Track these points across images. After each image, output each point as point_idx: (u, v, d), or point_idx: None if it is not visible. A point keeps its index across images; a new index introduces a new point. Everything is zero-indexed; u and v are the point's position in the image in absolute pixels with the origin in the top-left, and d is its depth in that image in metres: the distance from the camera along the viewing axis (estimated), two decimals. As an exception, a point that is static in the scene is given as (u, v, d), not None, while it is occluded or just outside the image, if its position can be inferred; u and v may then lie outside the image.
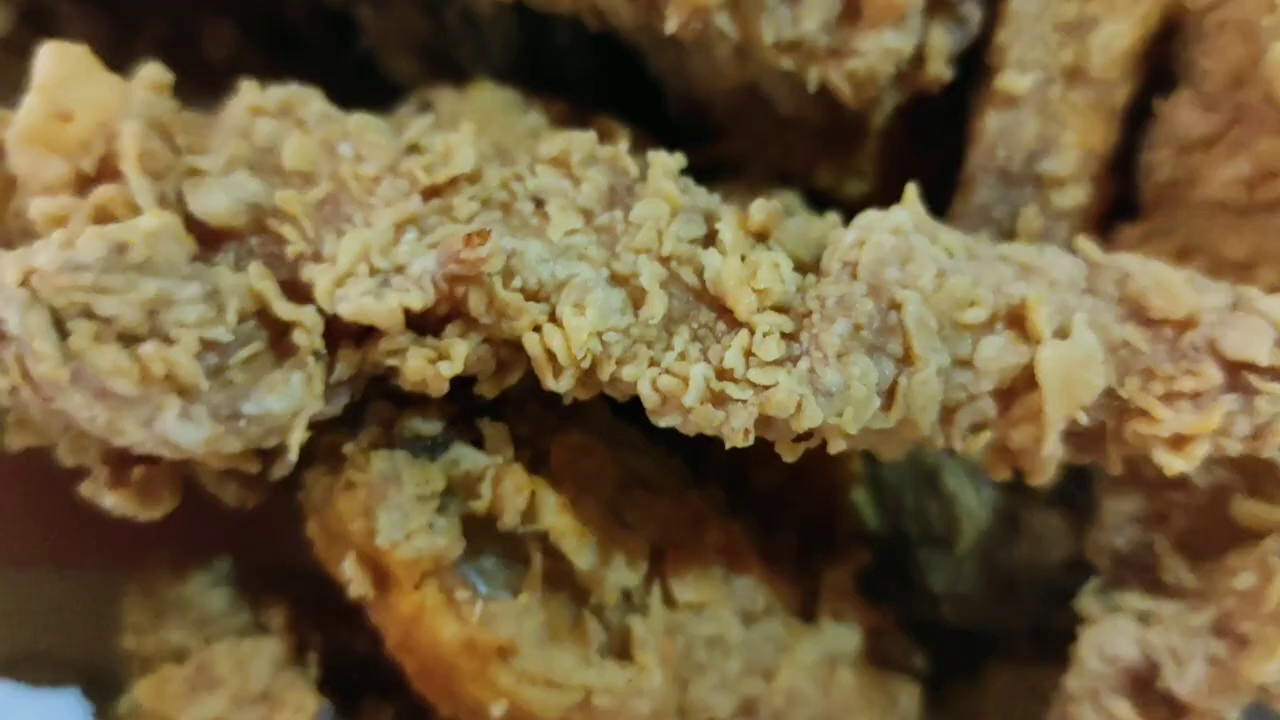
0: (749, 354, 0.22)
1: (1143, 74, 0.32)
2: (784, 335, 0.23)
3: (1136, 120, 0.32)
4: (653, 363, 0.22)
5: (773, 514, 0.32)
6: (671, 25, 0.28)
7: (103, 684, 0.31)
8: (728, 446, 0.23)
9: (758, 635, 0.28)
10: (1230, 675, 0.27)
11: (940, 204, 0.33)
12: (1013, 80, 0.30)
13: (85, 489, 0.23)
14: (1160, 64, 0.32)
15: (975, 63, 0.32)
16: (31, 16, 0.32)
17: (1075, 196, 0.31)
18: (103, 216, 0.23)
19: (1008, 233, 0.31)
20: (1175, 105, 0.31)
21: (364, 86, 0.28)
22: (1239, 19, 0.30)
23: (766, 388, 0.22)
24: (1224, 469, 0.28)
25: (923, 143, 0.35)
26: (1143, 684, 0.28)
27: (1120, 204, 0.33)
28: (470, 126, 0.25)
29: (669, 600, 0.26)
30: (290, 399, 0.22)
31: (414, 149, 0.25)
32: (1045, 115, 0.31)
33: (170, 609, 0.27)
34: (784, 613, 0.29)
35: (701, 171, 0.28)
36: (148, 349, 0.21)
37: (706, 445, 0.36)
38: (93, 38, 0.27)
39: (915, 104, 0.33)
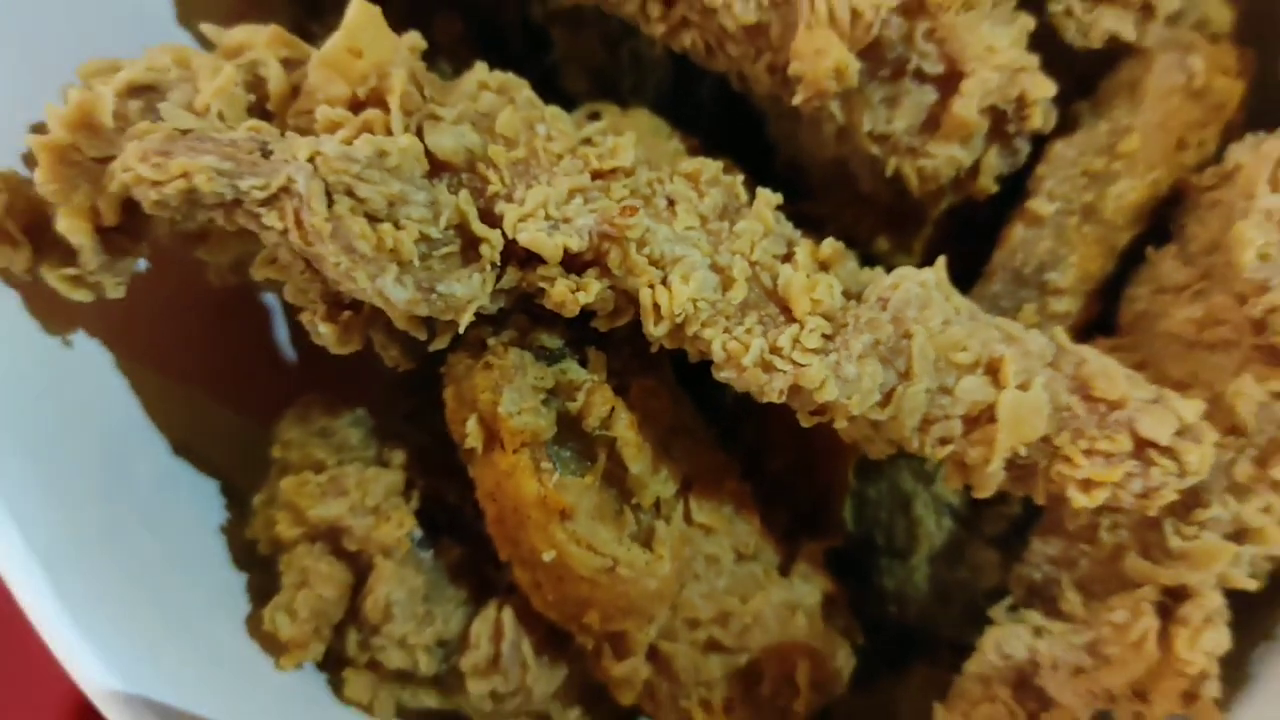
0: (795, 341, 0.27)
1: (1145, 224, 0.37)
2: (824, 335, 0.28)
3: (1131, 259, 0.37)
4: (726, 330, 0.28)
5: (774, 494, 0.37)
6: (797, 99, 0.32)
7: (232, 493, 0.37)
8: (763, 400, 0.29)
9: (743, 569, 0.34)
10: (1090, 683, 0.33)
11: (963, 286, 0.39)
12: (1041, 205, 0.36)
13: (304, 318, 0.29)
14: (1161, 220, 0.37)
15: (1018, 184, 0.37)
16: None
17: (1067, 305, 0.36)
18: (365, 131, 0.30)
19: (1008, 320, 0.37)
20: (1162, 256, 0.36)
21: (544, 91, 0.34)
22: (1227, 199, 0.35)
23: (802, 366, 0.27)
24: (1126, 531, 0.34)
25: (962, 238, 0.38)
26: (1023, 679, 0.32)
27: (1101, 321, 0.37)
28: (632, 136, 0.32)
29: (688, 518, 0.32)
30: (469, 290, 0.28)
31: (588, 142, 0.31)
32: (1059, 238, 0.36)
33: (318, 433, 0.33)
34: (766, 562, 0.35)
35: (791, 219, 0.32)
36: (384, 227, 0.27)
37: (737, 428, 0.41)
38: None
39: (964, 206, 0.37)
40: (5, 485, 0.25)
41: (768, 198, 0.30)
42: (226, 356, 0.37)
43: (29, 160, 0.29)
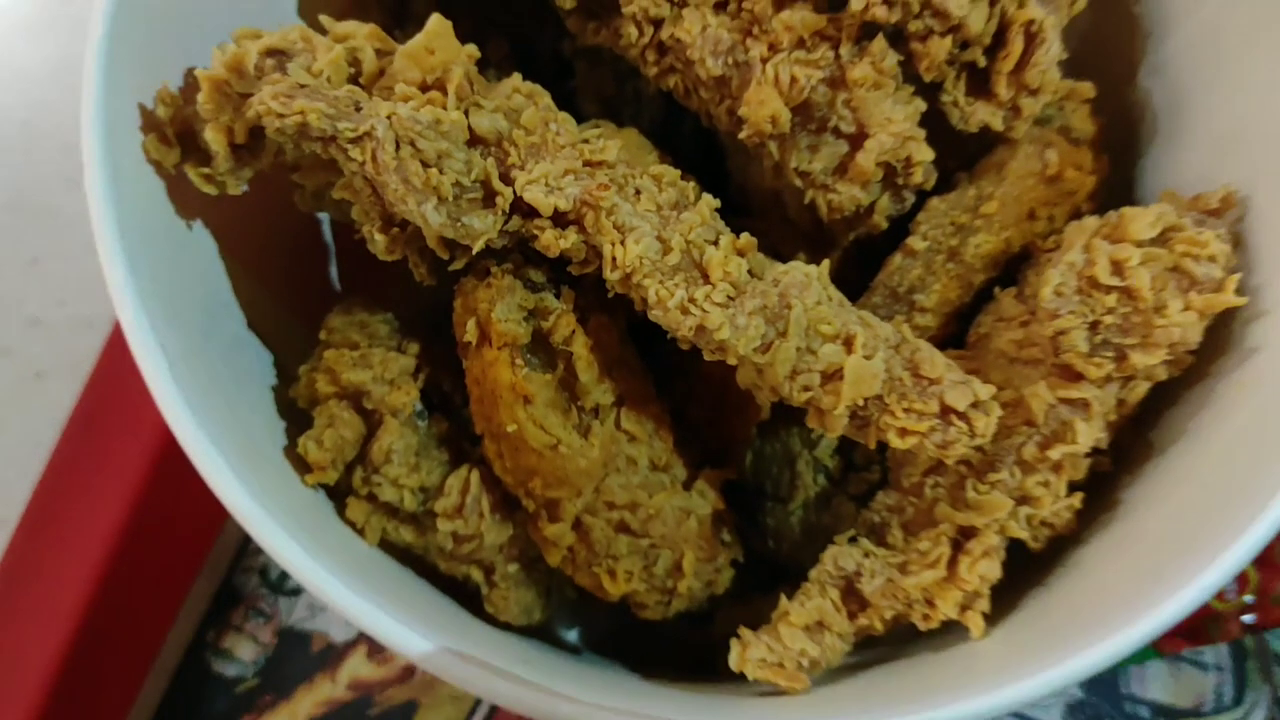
0: (707, 296, 0.35)
1: (997, 271, 0.43)
2: (728, 296, 0.35)
3: (984, 296, 0.43)
4: (660, 283, 0.35)
5: (691, 436, 0.44)
6: (743, 135, 0.40)
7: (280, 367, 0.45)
8: (679, 335, 0.35)
9: (654, 476, 0.41)
10: (896, 590, 0.39)
11: (856, 296, 0.44)
12: (917, 242, 0.42)
13: (365, 230, 0.36)
14: (1010, 270, 0.43)
15: (904, 225, 0.43)
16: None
17: (928, 321, 0.43)
18: (429, 104, 0.40)
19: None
20: (1005, 295, 0.42)
21: (562, 107, 0.40)
22: (1055, 260, 0.42)
23: (707, 313, 0.34)
24: (942, 489, 0.40)
25: (862, 263, 0.45)
26: (850, 585, 0.40)
27: (956, 340, 0.43)
28: (618, 144, 0.40)
29: (617, 423, 0.39)
30: (484, 225, 0.35)
31: (586, 141, 0.39)
32: (927, 269, 0.42)
33: (356, 324, 0.41)
34: (674, 475, 0.42)
35: (735, 230, 0.39)
36: (432, 171, 0.34)
37: (670, 382, 0.46)
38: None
39: (865, 238, 0.44)
40: (154, 321, 0.33)
41: (709, 201, 0.38)
42: (289, 270, 0.46)
43: (185, 92, 0.39)
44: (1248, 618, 0.59)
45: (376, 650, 0.58)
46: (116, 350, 0.58)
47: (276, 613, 0.59)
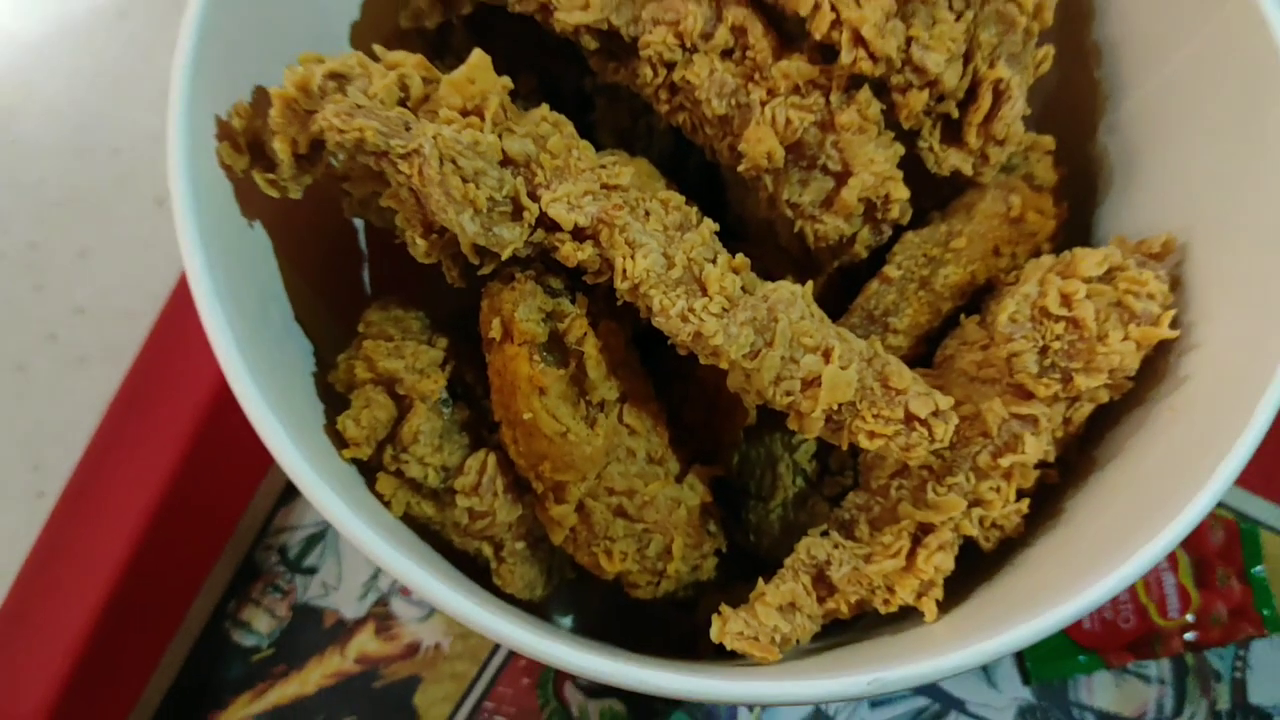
0: (705, 307, 0.37)
1: (964, 300, 0.47)
2: (723, 308, 0.38)
3: (951, 322, 0.47)
4: (664, 293, 0.38)
5: (685, 436, 0.47)
6: (741, 168, 0.43)
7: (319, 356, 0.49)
8: (678, 341, 0.38)
9: (650, 467, 0.44)
10: (860, 577, 0.43)
11: (838, 316, 0.48)
12: (892, 270, 0.45)
13: (406, 236, 0.40)
14: (976, 299, 0.47)
15: (882, 256, 0.46)
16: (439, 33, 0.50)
17: (900, 342, 0.46)
18: (469, 128, 0.44)
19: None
20: (970, 322, 0.45)
21: (582, 137, 0.43)
22: (1013, 291, 0.45)
23: (704, 321, 0.37)
24: (906, 490, 0.43)
25: (845, 288, 0.48)
26: (820, 573, 0.43)
27: (925, 360, 0.47)
28: (631, 171, 0.41)
29: (620, 418, 0.42)
30: (512, 235, 0.38)
31: (603, 166, 0.43)
32: (901, 295, 0.46)
33: (392, 318, 0.44)
34: (667, 468, 0.44)
35: (732, 253, 0.42)
36: (469, 186, 0.38)
37: (669, 387, 0.49)
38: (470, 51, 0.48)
39: (848, 266, 0.47)
40: (224, 304, 0.36)
41: (709, 224, 0.41)
42: (327, 270, 0.49)
43: (254, 107, 0.43)
44: (1189, 635, 0.64)
45: (383, 628, 0.63)
46: (157, 340, 0.62)
47: (293, 589, 0.63)
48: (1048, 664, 0.62)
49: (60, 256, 0.66)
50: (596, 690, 0.61)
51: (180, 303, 0.63)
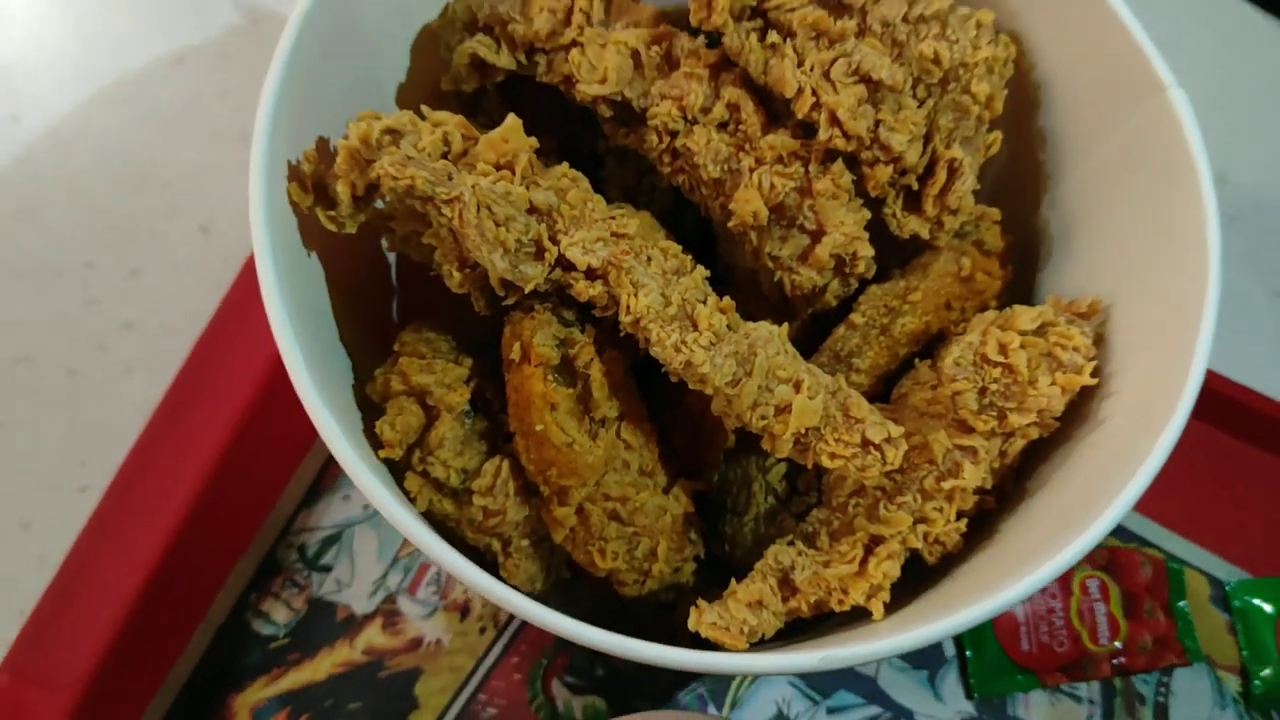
0: (695, 340, 0.41)
1: (918, 346, 0.51)
2: (711, 342, 0.45)
3: (907, 365, 0.51)
4: (661, 328, 0.42)
5: (672, 456, 0.50)
6: (730, 225, 0.47)
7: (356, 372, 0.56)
8: (672, 369, 0.43)
9: (641, 478, 0.47)
10: (820, 580, 0.48)
11: (808, 355, 0.58)
12: (857, 318, 0.49)
13: (443, 270, 0.46)
14: (930, 346, 0.51)
15: (849, 305, 0.50)
16: (474, 96, 0.54)
17: (862, 380, 0.50)
18: (501, 180, 0.50)
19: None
20: (923, 365, 0.49)
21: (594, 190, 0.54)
22: (959, 340, 0.50)
23: (694, 352, 0.41)
24: (863, 507, 0.46)
25: (816, 333, 0.52)
26: (784, 576, 0.46)
27: (883, 396, 0.51)
28: (636, 222, 0.46)
29: (618, 434, 0.46)
30: (535, 272, 0.41)
31: (613, 218, 0.49)
32: (864, 339, 0.49)
33: (424, 340, 0.48)
34: (656, 480, 0.48)
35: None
36: (501, 229, 0.44)
37: (660, 412, 0.56)
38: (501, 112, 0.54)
39: (820, 314, 0.51)
40: (291, 319, 0.41)
41: (701, 271, 0.45)
42: (363, 299, 0.53)
43: (319, 152, 0.50)
44: (1118, 661, 0.69)
45: (390, 624, 0.68)
46: (199, 354, 0.68)
47: (309, 585, 0.69)
48: (990, 681, 0.68)
49: (113, 276, 0.71)
50: (580, 688, 0.67)
51: (218, 323, 0.69)
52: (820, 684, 0.67)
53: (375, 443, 0.48)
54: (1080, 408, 0.48)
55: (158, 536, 0.64)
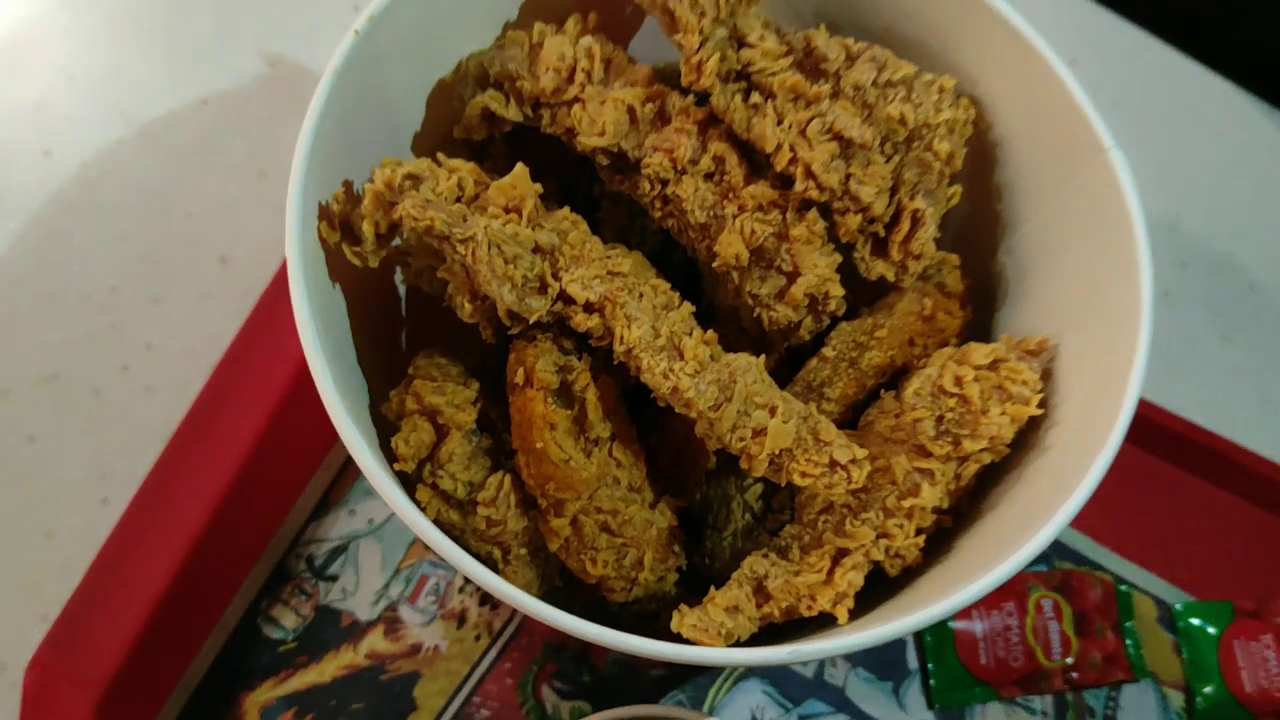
0: (681, 368, 0.47)
1: (885, 379, 0.53)
2: (695, 370, 0.51)
3: (873, 395, 0.54)
4: (651, 357, 0.48)
5: (657, 474, 0.53)
6: (714, 265, 0.49)
7: (373, 393, 0.61)
8: (659, 393, 0.51)
9: (630, 494, 0.50)
10: (791, 585, 0.51)
11: (783, 385, 0.63)
12: (828, 351, 0.52)
13: (455, 301, 0.52)
14: (895, 378, 0.54)
15: (821, 340, 0.53)
16: (482, 144, 0.58)
17: (831, 408, 0.52)
18: (510, 222, 0.56)
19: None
20: (888, 396, 0.52)
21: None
22: (920, 373, 0.61)
23: (680, 380, 0.45)
24: (831, 523, 0.51)
25: (791, 365, 0.55)
26: (759, 584, 0.49)
27: (852, 423, 0.55)
28: (630, 261, 0.55)
29: (610, 453, 0.48)
30: (539, 305, 0.45)
31: (608, 257, 0.55)
32: (834, 370, 0.52)
33: (436, 364, 0.51)
34: (644, 495, 0.51)
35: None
36: (509, 266, 0.50)
37: (648, 434, 0.67)
38: (507, 159, 0.59)
39: (795, 347, 0.54)
40: (321, 343, 0.46)
41: (688, 306, 0.48)
42: (375, 328, 0.56)
43: (346, 194, 0.55)
44: (1069, 675, 0.74)
45: (391, 630, 0.72)
46: (219, 376, 0.72)
47: (316, 592, 0.73)
48: (949, 693, 0.72)
49: (136, 301, 0.75)
50: (567, 692, 0.71)
51: (237, 347, 0.73)
52: (792, 692, 0.71)
53: (390, 456, 0.53)
54: (1028, 435, 0.51)
55: (178, 546, 0.68)
